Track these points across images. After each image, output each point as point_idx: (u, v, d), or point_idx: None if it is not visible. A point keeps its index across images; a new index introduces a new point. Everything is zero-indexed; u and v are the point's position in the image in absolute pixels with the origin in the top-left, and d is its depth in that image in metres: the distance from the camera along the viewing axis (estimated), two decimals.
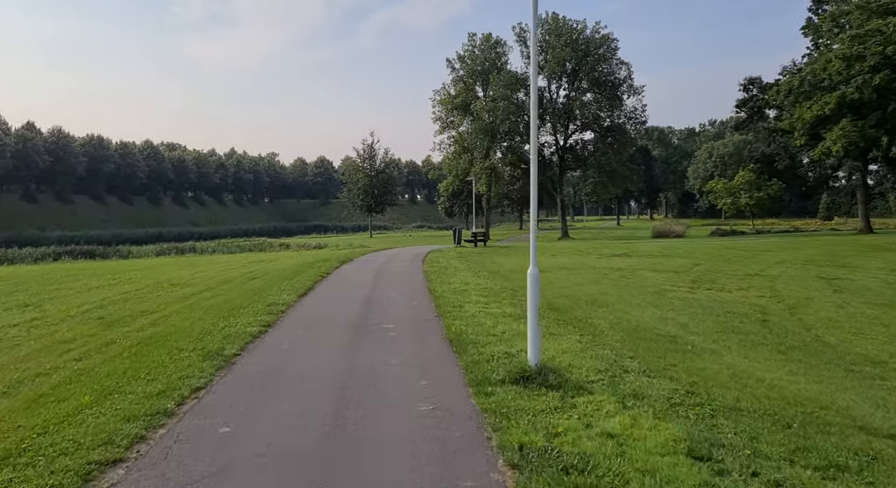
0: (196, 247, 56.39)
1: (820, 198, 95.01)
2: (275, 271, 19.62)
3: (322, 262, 21.56)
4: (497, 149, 60.45)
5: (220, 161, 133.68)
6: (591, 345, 8.16)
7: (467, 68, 61.97)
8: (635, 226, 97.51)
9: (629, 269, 19.20)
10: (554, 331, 9.07)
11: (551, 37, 57.52)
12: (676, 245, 32.47)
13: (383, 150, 77.18)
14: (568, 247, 32.10)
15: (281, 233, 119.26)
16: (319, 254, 31.98)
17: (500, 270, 19.12)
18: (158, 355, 7.74)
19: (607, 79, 57.25)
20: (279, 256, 29.82)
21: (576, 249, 29.30)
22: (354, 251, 32.77)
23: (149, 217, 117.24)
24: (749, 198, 72.05)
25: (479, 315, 10.41)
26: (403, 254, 27.59)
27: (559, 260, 23.02)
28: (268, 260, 26.66)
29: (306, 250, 53.03)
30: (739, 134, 77.60)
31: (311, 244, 59.53)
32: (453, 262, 21.43)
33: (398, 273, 18.45)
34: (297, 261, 24.33)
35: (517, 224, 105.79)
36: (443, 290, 13.69)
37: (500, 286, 14.66)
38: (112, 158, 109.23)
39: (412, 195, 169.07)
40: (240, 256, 36.15)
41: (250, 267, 22.62)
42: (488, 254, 26.51)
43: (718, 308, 12.19)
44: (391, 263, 22.02)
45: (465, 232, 37.98)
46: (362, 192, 75.79)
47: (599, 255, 25.09)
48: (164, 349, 8.09)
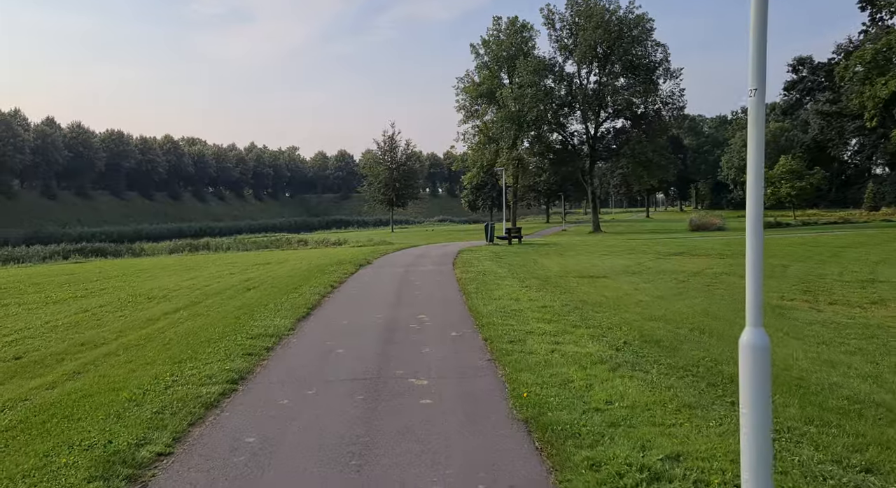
0: (210, 243, 53.62)
1: (861, 188, 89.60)
2: (278, 278, 16.32)
3: (336, 266, 18.23)
4: (524, 138, 56.63)
5: (240, 155, 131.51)
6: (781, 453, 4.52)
7: (492, 54, 58.22)
8: (666, 218, 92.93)
9: (709, 274, 15.52)
10: (687, 398, 5.53)
11: (581, 18, 53.36)
12: (738, 240, 28.45)
13: (404, 142, 73.78)
14: (612, 243, 28.36)
15: (301, 227, 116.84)
16: (336, 253, 28.72)
17: (548, 275, 15.58)
18: (24, 460, 4.39)
19: (641, 62, 52.90)
20: (290, 257, 26.59)
21: (626, 246, 25.57)
22: (375, 249, 29.47)
23: (170, 212, 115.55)
24: (791, 187, 67.39)
25: (553, 359, 6.90)
26: (430, 253, 24.18)
27: (615, 261, 19.38)
28: (277, 261, 23.40)
29: (324, 247, 49.95)
30: (789, 119, 72.17)
31: (331, 240, 56.47)
32: (491, 266, 17.94)
33: (426, 282, 14.99)
34: (309, 263, 21.03)
35: (542, 217, 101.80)
36: (488, 310, 10.20)
37: (560, 301, 11.13)
38: (132, 154, 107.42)
39: (433, 188, 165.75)
40: (251, 255, 33.06)
41: (254, 271, 19.38)
42: (526, 253, 22.97)
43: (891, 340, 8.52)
44: (416, 266, 18.62)
45: (497, 226, 34.47)
46: (383, 186, 72.56)
47: (658, 254, 21.39)
48: (46, 442, 4.74)
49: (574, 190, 79.80)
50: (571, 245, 27.57)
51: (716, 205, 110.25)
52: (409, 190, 74.55)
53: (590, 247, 25.61)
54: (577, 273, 16.00)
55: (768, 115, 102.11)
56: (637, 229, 61.18)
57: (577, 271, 16.46)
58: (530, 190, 76.52)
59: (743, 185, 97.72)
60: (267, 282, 15.46)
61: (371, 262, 19.87)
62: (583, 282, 14.24)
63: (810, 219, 60.97)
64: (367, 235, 65.98)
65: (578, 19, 53.65)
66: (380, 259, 21.42)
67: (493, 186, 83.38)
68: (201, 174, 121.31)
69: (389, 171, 72.32)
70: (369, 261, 20.15)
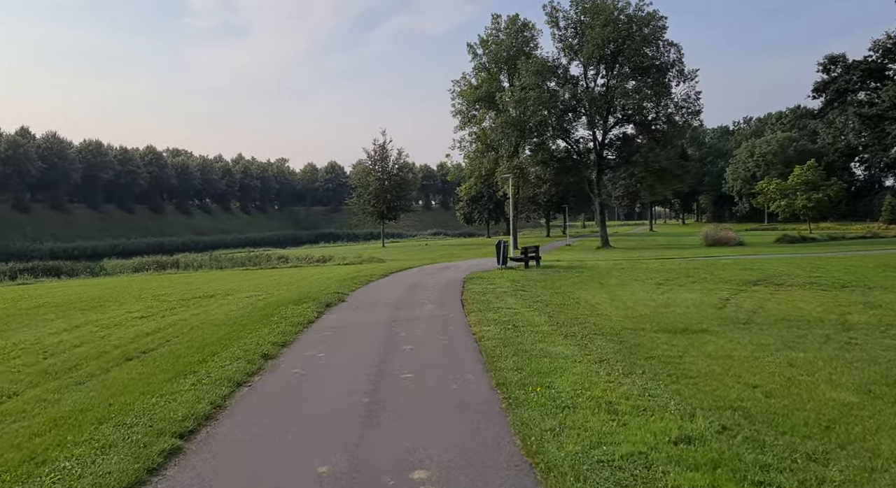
0: (181, 261, 47.64)
1: (872, 200, 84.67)
2: (197, 330, 10.53)
3: (294, 307, 12.46)
4: (525, 146, 51.12)
5: (227, 167, 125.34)
6: None
7: (491, 55, 52.84)
8: (670, 231, 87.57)
9: (864, 324, 9.86)
10: None
11: (587, 16, 48.07)
12: (813, 262, 22.67)
13: (396, 151, 68.14)
14: (651, 266, 22.56)
15: (289, 241, 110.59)
16: (311, 277, 22.85)
17: (614, 328, 9.83)
18: None
19: (653, 63, 47.61)
20: (251, 282, 20.67)
21: (670, 269, 19.85)
22: (360, 271, 23.69)
23: (151, 226, 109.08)
24: (807, 199, 62.25)
25: None
26: (426, 280, 18.35)
27: (684, 296, 13.69)
28: (224, 292, 17.51)
29: (305, 266, 44.13)
30: (822, 122, 66.40)
31: (314, 257, 50.58)
32: (518, 307, 12.19)
33: (424, 346, 9.09)
34: (264, 298, 15.23)
35: (539, 230, 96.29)
36: (571, 457, 4.44)
37: (706, 422, 5.34)
38: (110, 165, 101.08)
39: (427, 201, 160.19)
40: (212, 277, 27.05)
41: (180, 311, 13.54)
42: (554, 281, 17.22)
43: None
44: (409, 308, 12.83)
45: (503, 236, 28.38)
46: (373, 197, 66.72)
47: (731, 284, 15.71)
48: None
49: (579, 202, 74.33)
50: (600, 267, 21.85)
51: (718, 218, 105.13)
52: (401, 202, 68.64)
53: (628, 271, 19.91)
54: (653, 321, 10.31)
55: (774, 124, 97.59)
56: (647, 244, 55.68)
57: (649, 317, 10.77)
58: (530, 202, 70.99)
59: (749, 197, 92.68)
60: (174, 340, 9.68)
61: (344, 299, 14.04)
62: (678, 343, 8.56)
63: (836, 233, 55.51)
64: (357, 251, 60.11)
65: (584, 17, 48.41)
66: (359, 292, 15.61)
67: (490, 198, 77.79)
68: (185, 186, 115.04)
69: (380, 182, 66.58)
70: (342, 297, 14.30)
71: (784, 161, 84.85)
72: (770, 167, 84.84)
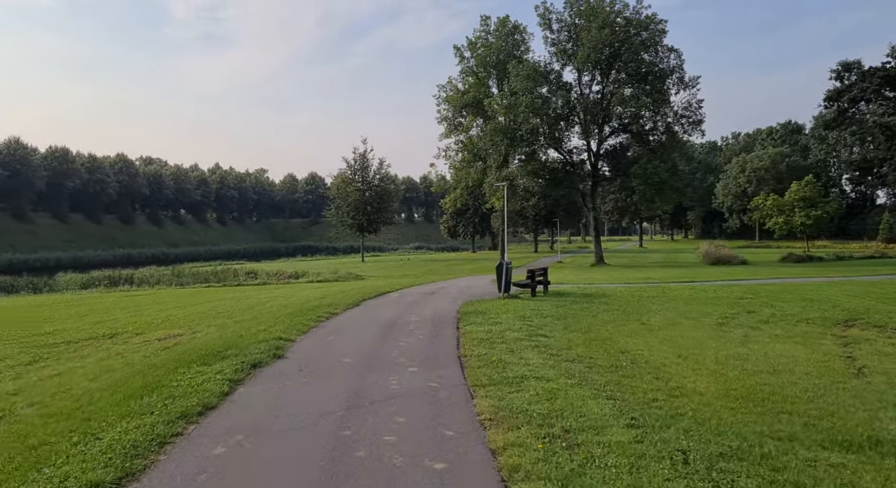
0: (136, 276, 42.43)
1: (864, 218, 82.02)
2: (24, 421, 5.98)
3: (201, 368, 7.94)
4: (516, 155, 46.99)
5: (202, 176, 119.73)
6: None
7: (479, 58, 48.90)
8: (661, 247, 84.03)
9: None
10: None
11: (582, 18, 44.32)
12: (869, 289, 18.48)
13: (378, 160, 63.66)
14: (683, 294, 18.24)
15: (266, 254, 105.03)
16: (269, 300, 18.17)
17: (720, 423, 5.50)
18: None
19: (651, 69, 43.94)
20: (174, 317, 15.83)
21: (714, 298, 15.54)
22: (325, 297, 19.12)
23: (119, 237, 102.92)
24: (805, 216, 58.94)
25: None
26: (407, 317, 13.60)
27: (774, 347, 9.36)
28: (133, 330, 12.77)
29: (276, 282, 39.36)
30: (836, 132, 62.94)
31: (286, 273, 45.69)
32: (549, 371, 7.66)
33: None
34: (161, 351, 10.60)
35: (527, 246, 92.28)
36: None
37: None
38: (77, 173, 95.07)
39: (409, 213, 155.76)
40: (151, 301, 22.21)
41: (22, 379, 8.95)
42: (577, 316, 12.83)
43: None
44: (377, 373, 8.18)
45: (488, 251, 23.79)
46: (352, 209, 62.03)
47: (798, 321, 11.49)
48: None
49: (565, 216, 70.43)
50: (622, 295, 17.44)
51: (707, 234, 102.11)
52: (382, 214, 63.95)
53: (660, 301, 15.53)
54: (784, 410, 5.97)
55: (764, 140, 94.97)
56: (642, 261, 51.70)
57: (769, 399, 6.42)
58: (518, 215, 66.91)
59: (741, 213, 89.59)
60: None
61: (285, 351, 9.42)
62: None
63: (842, 253, 52.01)
64: (334, 265, 55.27)
65: (579, 20, 44.61)
66: (312, 335, 10.97)
67: (475, 211, 73.54)
68: (157, 196, 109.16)
69: (360, 193, 61.99)
70: (284, 347, 9.65)
71: (776, 177, 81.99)
72: (762, 183, 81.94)
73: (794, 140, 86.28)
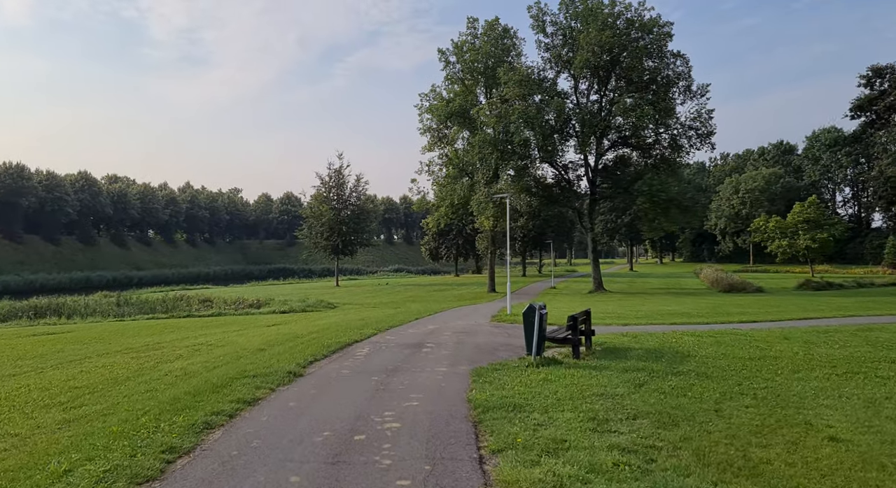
0: (66, 306, 35.80)
1: (862, 242, 78.37)
2: None
3: None
4: (507, 169, 41.66)
5: (172, 195, 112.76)
6: None
7: (466, 64, 43.76)
8: (651, 271, 79.23)
9: None
10: None
11: (578, 21, 39.51)
12: None
13: (355, 177, 58.00)
14: (781, 348, 12.60)
15: (238, 277, 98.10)
16: (162, 381, 12.24)
17: None
18: None
19: (654, 77, 39.25)
20: (34, 388, 9.93)
21: (859, 362, 10.01)
22: (273, 341, 13.34)
23: (79, 259, 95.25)
24: (810, 240, 54.46)
25: None
26: (374, 423, 7.90)
27: None
28: None
29: (232, 312, 33.23)
30: (860, 146, 58.41)
31: (247, 301, 39.23)
32: None
33: None
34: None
35: (513, 269, 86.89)
36: None
37: None
38: (33, 191, 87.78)
39: (389, 235, 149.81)
40: (41, 350, 16.13)
41: None
42: (685, 408, 7.17)
43: None
44: None
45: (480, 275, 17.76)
46: (327, 229, 56.11)
47: None
48: None
49: (555, 236, 65.30)
50: (698, 350, 11.84)
51: (696, 257, 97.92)
52: (359, 235, 58.05)
53: (771, 364, 10.07)
54: None
55: (756, 160, 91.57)
56: (642, 287, 46.54)
57: None
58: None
59: (734, 236, 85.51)
60: None
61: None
62: None
63: (863, 279, 47.36)
64: (305, 291, 49.14)
65: (576, 23, 39.75)
66: (204, 461, 5.23)
67: (459, 232, 68.09)
68: (122, 216, 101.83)
69: (335, 212, 56.17)
70: None
71: (769, 198, 78.21)
72: (756, 204, 78.00)
73: (786, 160, 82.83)
